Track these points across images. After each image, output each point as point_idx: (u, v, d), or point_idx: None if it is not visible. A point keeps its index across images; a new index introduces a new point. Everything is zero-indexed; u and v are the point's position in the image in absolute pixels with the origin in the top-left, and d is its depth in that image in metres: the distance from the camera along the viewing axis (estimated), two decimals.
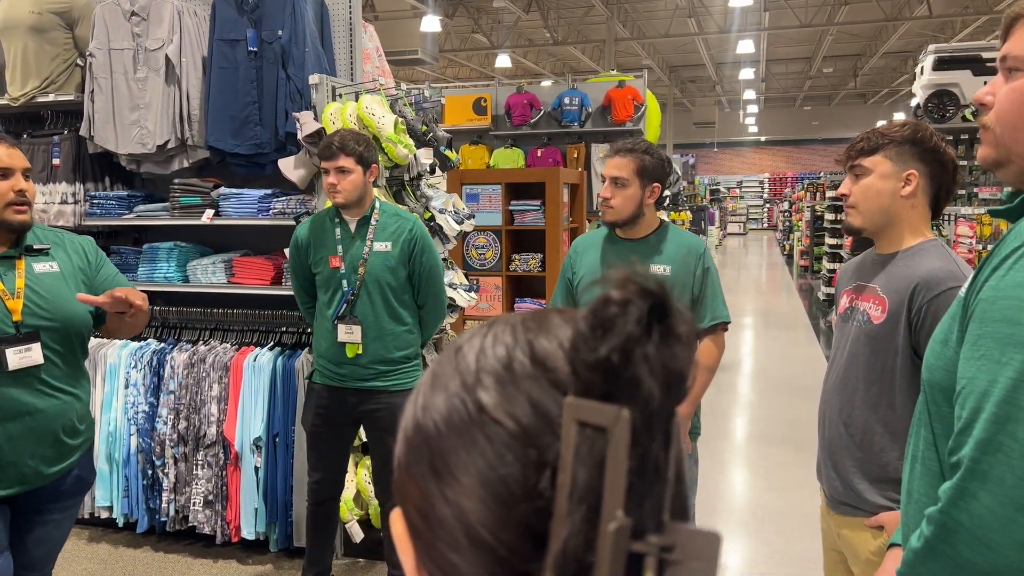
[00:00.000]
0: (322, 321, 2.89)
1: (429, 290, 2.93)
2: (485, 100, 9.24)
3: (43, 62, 3.73)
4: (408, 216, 2.93)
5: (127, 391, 3.57)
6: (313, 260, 2.89)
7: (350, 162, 2.73)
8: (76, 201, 3.74)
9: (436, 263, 2.93)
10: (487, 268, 5.51)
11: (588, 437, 0.38)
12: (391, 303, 2.85)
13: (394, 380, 2.88)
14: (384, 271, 2.83)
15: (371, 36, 4.03)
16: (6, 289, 2.02)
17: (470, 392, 0.45)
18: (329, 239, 2.86)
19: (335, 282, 2.84)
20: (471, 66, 20.13)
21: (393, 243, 2.84)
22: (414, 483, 0.46)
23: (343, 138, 2.74)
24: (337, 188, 2.73)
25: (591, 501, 0.38)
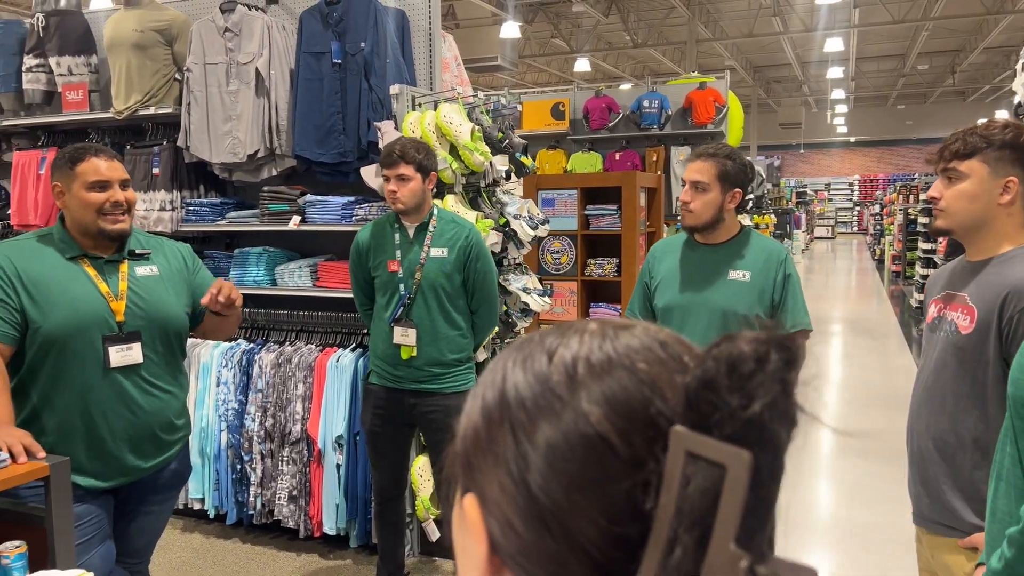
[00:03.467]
0: (379, 323, 2.98)
1: (483, 296, 2.98)
2: (563, 105, 9.27)
3: (145, 77, 3.96)
4: (464, 223, 3.00)
5: (218, 389, 3.75)
6: (373, 264, 2.98)
7: (410, 170, 2.81)
8: (174, 208, 3.95)
9: (490, 270, 2.99)
10: (562, 273, 5.53)
11: (701, 469, 0.41)
12: (446, 307, 2.92)
13: (447, 383, 2.95)
14: (440, 276, 2.90)
15: (450, 46, 4.12)
16: (110, 291, 2.16)
17: (574, 398, 0.46)
18: (388, 244, 2.95)
19: (393, 286, 2.93)
20: (550, 71, 20.18)
21: (449, 249, 2.91)
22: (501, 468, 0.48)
23: (404, 147, 2.82)
24: (397, 195, 2.82)
25: (702, 529, 0.40)
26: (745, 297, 2.42)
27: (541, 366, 0.49)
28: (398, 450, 3.09)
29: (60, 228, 2.19)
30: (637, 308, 2.65)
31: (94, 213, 2.13)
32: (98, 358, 2.11)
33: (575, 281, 5.52)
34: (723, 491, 0.40)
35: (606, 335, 0.50)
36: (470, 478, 0.50)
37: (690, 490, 0.41)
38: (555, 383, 0.47)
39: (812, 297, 13.85)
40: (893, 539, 3.72)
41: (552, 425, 0.46)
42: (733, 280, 2.45)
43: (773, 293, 2.44)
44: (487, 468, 0.49)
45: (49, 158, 4.23)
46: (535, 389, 0.48)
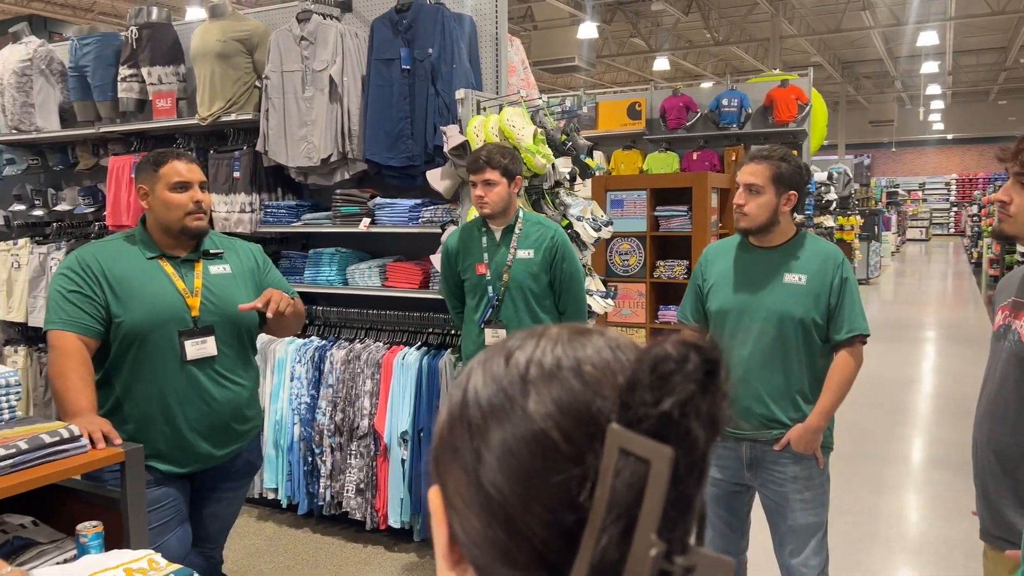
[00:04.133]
0: (470, 325, 3.05)
1: (570, 296, 3.01)
2: (639, 104, 9.21)
3: (227, 85, 4.16)
4: (550, 224, 3.03)
5: (292, 383, 3.90)
6: (462, 267, 3.05)
7: (496, 175, 2.87)
8: (253, 210, 4.14)
9: (577, 270, 3.01)
10: (630, 274, 5.51)
11: (630, 464, 0.44)
12: (533, 308, 2.97)
13: None
14: (527, 277, 2.94)
15: (517, 49, 4.17)
16: (186, 288, 2.30)
17: (521, 397, 0.50)
18: (476, 247, 3.01)
19: (481, 288, 2.99)
20: (629, 70, 20.03)
21: (536, 250, 2.95)
22: (458, 463, 0.52)
23: (490, 152, 2.89)
24: (484, 200, 2.88)
25: (627, 520, 0.44)
26: (800, 301, 2.39)
27: (498, 368, 0.52)
28: None
29: (141, 230, 2.34)
30: (689, 311, 2.63)
31: (176, 212, 2.27)
32: (175, 351, 2.24)
33: (643, 283, 5.50)
34: (647, 485, 0.43)
35: (561, 340, 0.53)
36: (437, 471, 0.55)
37: (619, 483, 0.44)
38: (507, 384, 0.51)
39: (902, 302, 13.31)
40: (968, 553, 3.56)
41: (502, 424, 0.50)
42: (788, 283, 2.41)
43: (829, 297, 2.40)
44: (448, 463, 0.53)
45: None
46: (490, 389, 0.52)
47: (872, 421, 5.94)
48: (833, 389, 2.40)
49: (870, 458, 5.09)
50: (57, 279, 2.21)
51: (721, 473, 2.50)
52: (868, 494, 4.49)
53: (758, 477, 2.47)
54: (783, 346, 2.39)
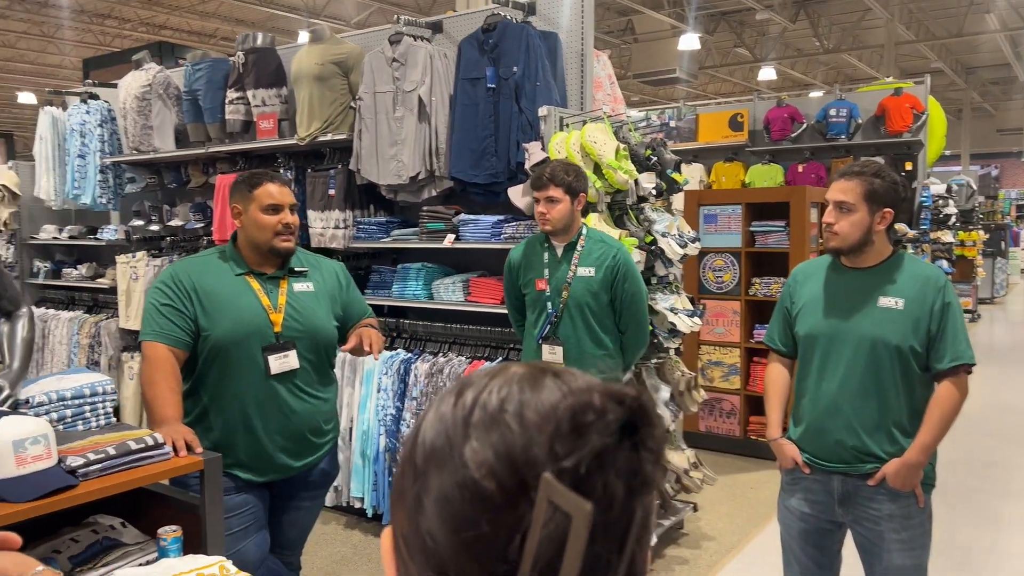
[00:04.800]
0: (529, 340, 3.05)
1: (631, 316, 2.97)
2: (742, 116, 9.01)
3: (324, 106, 4.33)
4: (613, 243, 3.00)
5: (379, 395, 4.00)
6: (523, 281, 3.06)
7: (559, 192, 2.86)
8: (346, 226, 4.28)
9: (639, 290, 2.96)
10: (724, 291, 5.35)
11: (556, 518, 0.43)
12: (592, 327, 2.93)
13: None
14: (586, 295, 2.92)
15: (604, 65, 4.15)
16: (270, 304, 2.39)
17: (461, 441, 0.49)
18: (538, 262, 3.01)
19: (541, 304, 2.99)
20: (734, 81, 19.57)
21: (597, 268, 2.92)
22: (403, 506, 0.52)
23: (553, 169, 2.89)
24: (546, 216, 2.88)
25: (550, 574, 0.43)
26: (897, 326, 2.24)
27: (446, 408, 0.52)
28: None
29: (232, 247, 2.45)
30: (776, 335, 2.53)
31: (267, 232, 2.37)
32: (257, 365, 2.34)
33: (738, 301, 5.33)
34: (568, 541, 0.41)
35: (514, 381, 0.51)
36: (391, 513, 0.54)
37: (544, 537, 0.42)
38: (450, 427, 0.50)
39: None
40: None
41: (441, 470, 0.49)
42: (884, 307, 2.27)
43: (930, 323, 2.24)
44: (396, 505, 0.52)
45: None
46: (434, 431, 0.51)
47: (989, 452, 5.53)
48: (935, 422, 2.24)
49: (986, 493, 4.74)
50: (152, 292, 2.35)
51: (810, 508, 2.37)
52: (982, 533, 4.17)
53: (850, 513, 2.33)
54: (877, 374, 2.25)
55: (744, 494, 4.76)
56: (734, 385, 5.41)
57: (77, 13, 14.35)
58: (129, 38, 15.27)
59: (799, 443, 2.38)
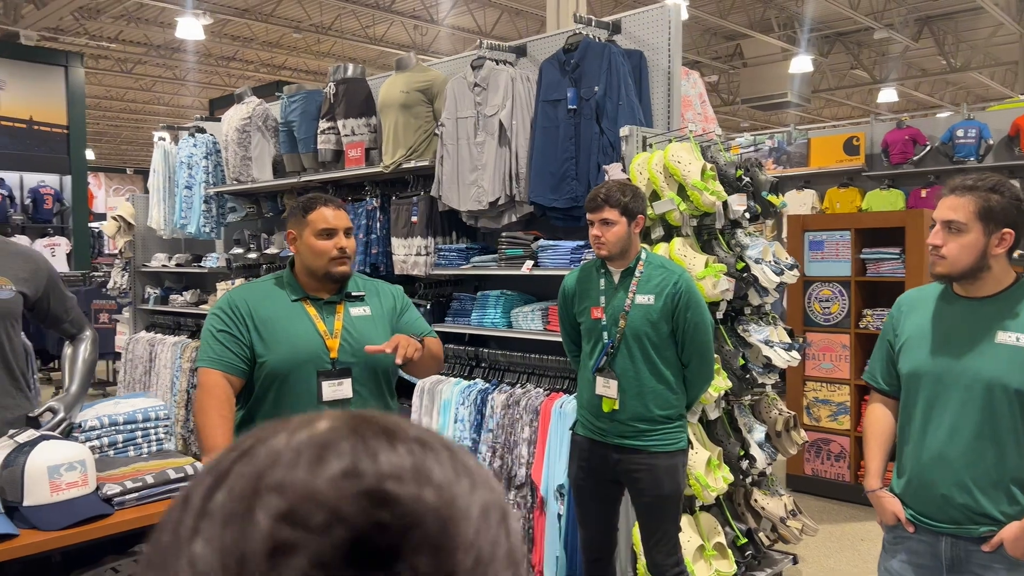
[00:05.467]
0: (584, 372, 2.85)
1: (694, 348, 2.72)
2: (857, 139, 8.54)
3: (408, 133, 4.31)
4: (675, 268, 2.77)
5: (456, 425, 3.88)
6: (577, 309, 2.88)
7: (614, 214, 2.68)
8: (428, 253, 4.22)
9: (703, 320, 2.72)
10: (832, 324, 4.96)
11: None
12: (652, 359, 2.71)
13: (654, 440, 2.72)
14: (645, 325, 2.70)
15: (694, 83, 3.95)
16: (326, 329, 2.32)
17: (191, 532, 0.36)
18: (593, 289, 2.82)
19: (596, 333, 2.79)
20: (852, 104, 18.69)
21: (656, 296, 2.70)
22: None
23: (609, 190, 2.70)
24: (601, 240, 2.70)
25: None
26: (1018, 367, 1.92)
27: (199, 480, 0.38)
28: (605, 508, 2.92)
29: (289, 272, 2.41)
30: (879, 372, 2.24)
31: (322, 258, 2.31)
32: (312, 392, 2.26)
33: (847, 334, 4.93)
34: None
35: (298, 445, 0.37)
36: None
37: None
38: (181, 510, 0.36)
39: None
40: None
41: (171, 560, 0.35)
42: (1003, 344, 1.95)
43: None
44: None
45: None
46: (173, 514, 0.37)
47: None
48: None
49: None
50: (209, 318, 2.33)
51: (915, 572, 2.06)
52: None
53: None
54: (993, 422, 1.94)
55: (853, 546, 4.34)
56: (843, 425, 4.98)
57: (204, 56, 15.32)
58: (252, 79, 16.14)
59: (902, 497, 2.08)
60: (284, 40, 14.56)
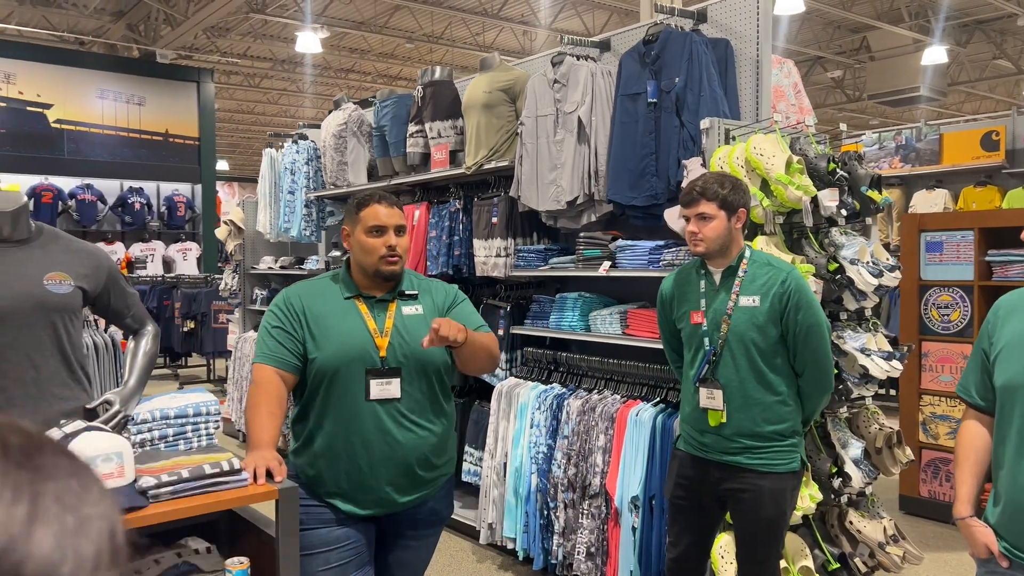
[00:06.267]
0: (686, 382, 2.65)
1: (808, 355, 2.47)
2: (997, 133, 7.87)
3: (490, 134, 4.27)
4: (783, 266, 2.53)
5: (532, 431, 3.79)
6: (677, 315, 2.68)
7: (712, 207, 2.48)
8: (508, 255, 4.16)
9: (816, 323, 2.46)
10: (952, 332, 4.53)
11: None
12: (759, 367, 2.47)
13: (762, 459, 2.49)
14: (750, 329, 2.47)
15: (788, 72, 3.69)
16: (376, 328, 2.28)
17: None
18: (693, 292, 2.62)
19: (697, 340, 2.58)
20: (996, 97, 17.26)
21: (762, 297, 2.47)
22: None
23: (705, 181, 2.51)
24: (698, 236, 2.50)
25: None
26: None
27: None
28: (701, 529, 2.70)
29: (344, 270, 2.39)
30: (973, 384, 1.98)
31: (371, 255, 2.28)
32: (361, 390, 2.22)
33: (969, 344, 4.48)
34: None
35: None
36: None
37: None
38: None
39: None
40: None
41: None
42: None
43: None
44: None
45: (420, 212, 4.80)
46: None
47: None
48: None
49: None
50: (266, 315, 2.34)
51: None
52: None
53: None
54: None
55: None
56: None
57: (324, 69, 15.97)
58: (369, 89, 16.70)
59: (996, 527, 1.82)
60: (398, 51, 14.96)
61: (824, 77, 15.91)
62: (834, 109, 17.73)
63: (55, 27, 12.57)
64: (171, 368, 10.61)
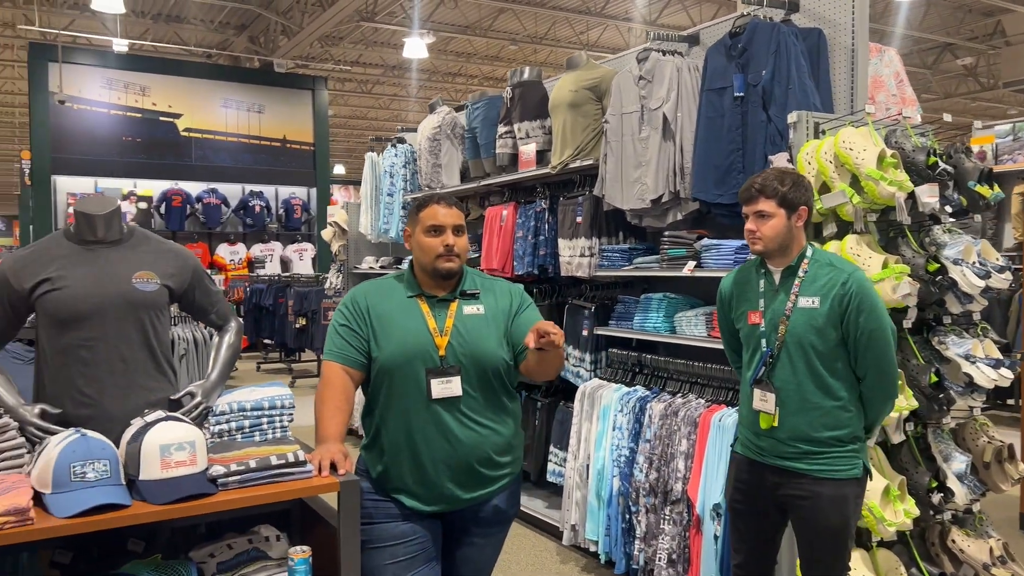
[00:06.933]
0: (743, 384, 2.56)
1: (870, 360, 2.33)
2: None
3: (576, 133, 4.24)
4: (845, 267, 2.40)
5: (614, 433, 3.74)
6: (735, 314, 2.59)
7: (770, 205, 2.38)
8: (592, 254, 4.12)
9: (880, 327, 2.32)
10: None
11: None
12: (817, 370, 2.36)
13: (820, 465, 2.37)
14: (809, 331, 2.36)
15: (889, 61, 3.48)
16: (436, 327, 2.31)
17: None
18: (752, 291, 2.52)
19: (754, 340, 2.49)
20: None
21: (822, 298, 2.35)
22: None
23: (764, 178, 2.41)
24: (756, 235, 2.41)
25: None
26: None
27: None
28: (761, 535, 2.61)
29: (408, 270, 2.44)
30: None
31: (430, 254, 2.32)
32: (420, 389, 2.26)
33: None
34: None
35: None
36: None
37: None
38: None
39: None
40: None
41: None
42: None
43: None
44: None
45: (508, 212, 4.83)
46: None
47: None
48: None
49: None
50: (335, 314, 2.41)
51: None
52: None
53: None
54: None
55: None
56: None
57: (431, 74, 16.33)
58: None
59: None
60: (503, 53, 15.10)
61: (954, 65, 14.90)
62: (967, 99, 16.58)
63: (185, 42, 13.43)
64: (285, 363, 11.13)
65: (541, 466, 4.52)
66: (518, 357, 2.36)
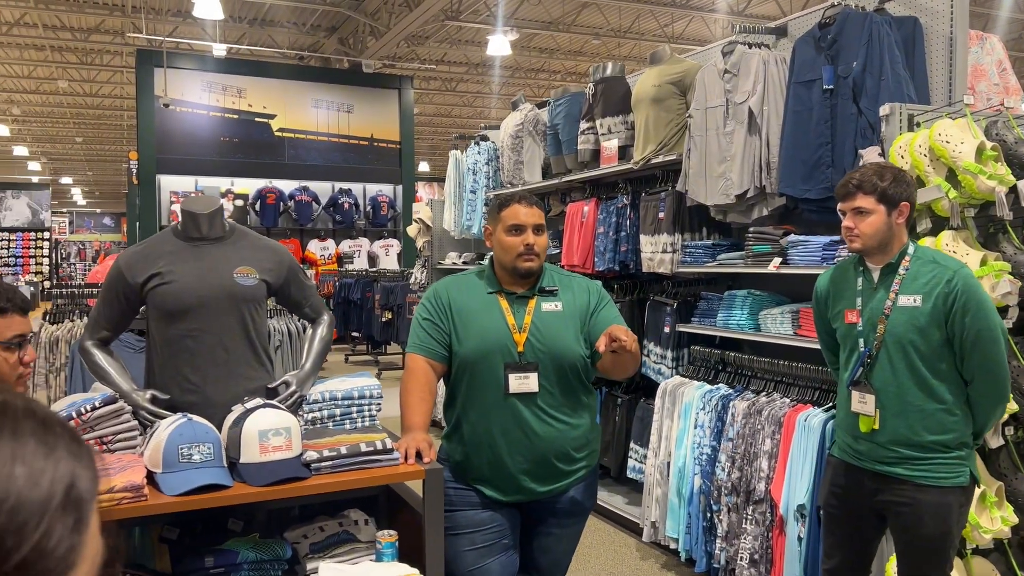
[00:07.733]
0: (840, 386, 2.50)
1: (978, 362, 2.23)
2: None
3: (659, 128, 4.22)
4: (950, 264, 2.31)
5: (696, 431, 3.71)
6: (832, 313, 2.53)
7: (869, 201, 2.31)
8: (674, 250, 4.09)
9: (988, 327, 2.22)
10: None
11: None
12: (919, 372, 2.28)
13: (922, 471, 2.29)
14: (910, 331, 2.28)
15: (990, 49, 3.33)
16: (515, 324, 2.36)
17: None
18: (849, 290, 2.46)
19: (851, 340, 2.42)
20: None
21: (924, 297, 2.27)
22: None
23: (863, 174, 2.35)
24: (854, 232, 2.35)
25: None
26: None
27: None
28: (856, 542, 2.54)
29: (489, 266, 2.49)
30: None
31: (510, 253, 2.36)
32: (499, 383, 2.31)
33: None
34: None
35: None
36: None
37: None
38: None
39: None
40: None
41: None
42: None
43: None
44: None
45: (589, 208, 4.84)
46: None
47: None
48: None
49: None
50: (418, 307, 2.49)
51: None
52: None
53: None
54: None
55: None
56: None
57: (514, 71, 16.42)
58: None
59: None
60: (586, 48, 15.05)
61: None
62: None
63: (278, 45, 13.94)
64: (372, 355, 11.43)
65: (621, 462, 4.52)
66: (594, 355, 2.38)
